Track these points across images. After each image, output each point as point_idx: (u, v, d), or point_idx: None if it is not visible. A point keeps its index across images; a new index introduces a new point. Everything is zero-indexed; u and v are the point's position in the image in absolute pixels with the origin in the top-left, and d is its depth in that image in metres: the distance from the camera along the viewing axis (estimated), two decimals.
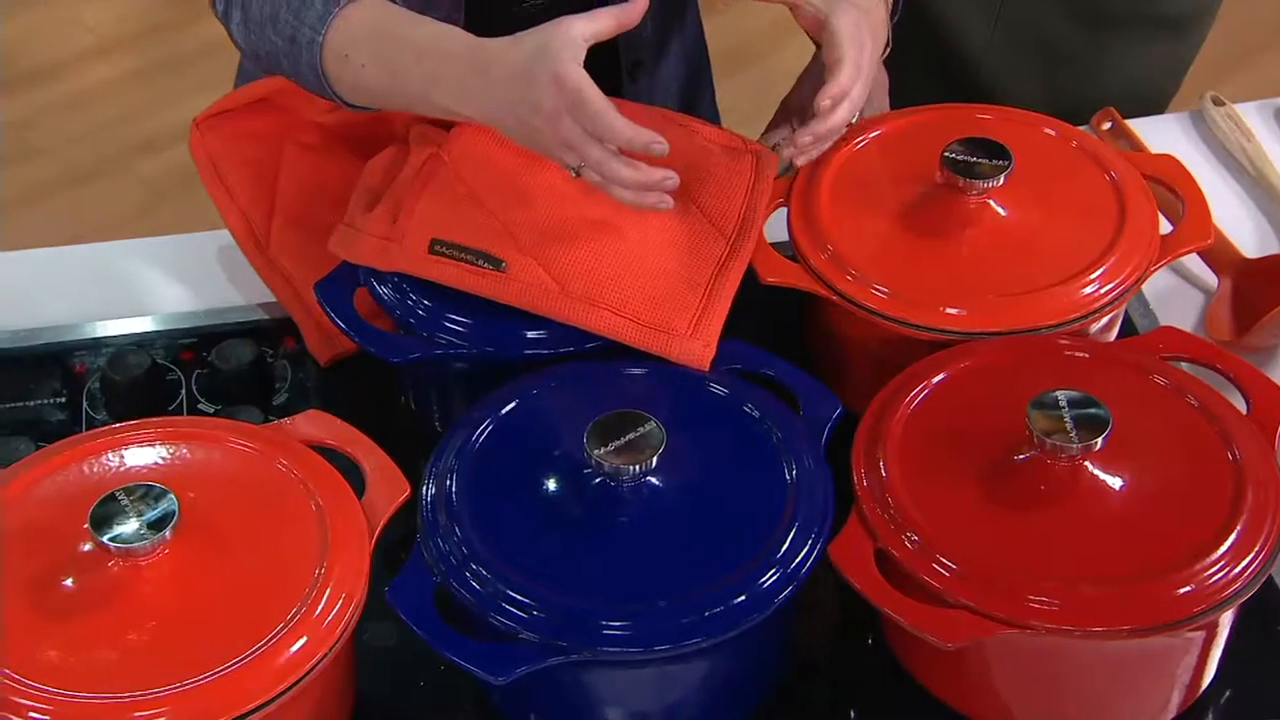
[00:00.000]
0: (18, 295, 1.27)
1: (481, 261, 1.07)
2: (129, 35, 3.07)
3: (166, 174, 2.74)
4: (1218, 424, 0.99)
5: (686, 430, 0.97)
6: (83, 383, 1.18)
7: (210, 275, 1.29)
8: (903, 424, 1.01)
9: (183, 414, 1.16)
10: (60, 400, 1.16)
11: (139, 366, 1.15)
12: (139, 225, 2.64)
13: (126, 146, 2.81)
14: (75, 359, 1.19)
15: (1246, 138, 1.40)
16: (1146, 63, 1.52)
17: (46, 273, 1.31)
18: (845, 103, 1.10)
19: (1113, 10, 1.48)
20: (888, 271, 1.10)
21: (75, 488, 0.94)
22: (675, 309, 1.07)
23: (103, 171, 2.77)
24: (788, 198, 1.17)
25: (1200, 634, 0.95)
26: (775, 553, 0.94)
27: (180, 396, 1.17)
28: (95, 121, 2.88)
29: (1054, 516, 0.96)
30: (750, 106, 1.55)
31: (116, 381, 1.15)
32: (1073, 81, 1.50)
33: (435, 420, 1.17)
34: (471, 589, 0.93)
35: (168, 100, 2.89)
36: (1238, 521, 0.94)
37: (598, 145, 1.02)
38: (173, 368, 1.19)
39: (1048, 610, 0.91)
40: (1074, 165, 1.17)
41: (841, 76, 1.09)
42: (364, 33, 1.11)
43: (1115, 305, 1.10)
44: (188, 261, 1.30)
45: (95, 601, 0.89)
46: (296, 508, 0.94)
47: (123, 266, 1.30)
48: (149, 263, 1.31)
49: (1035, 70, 1.50)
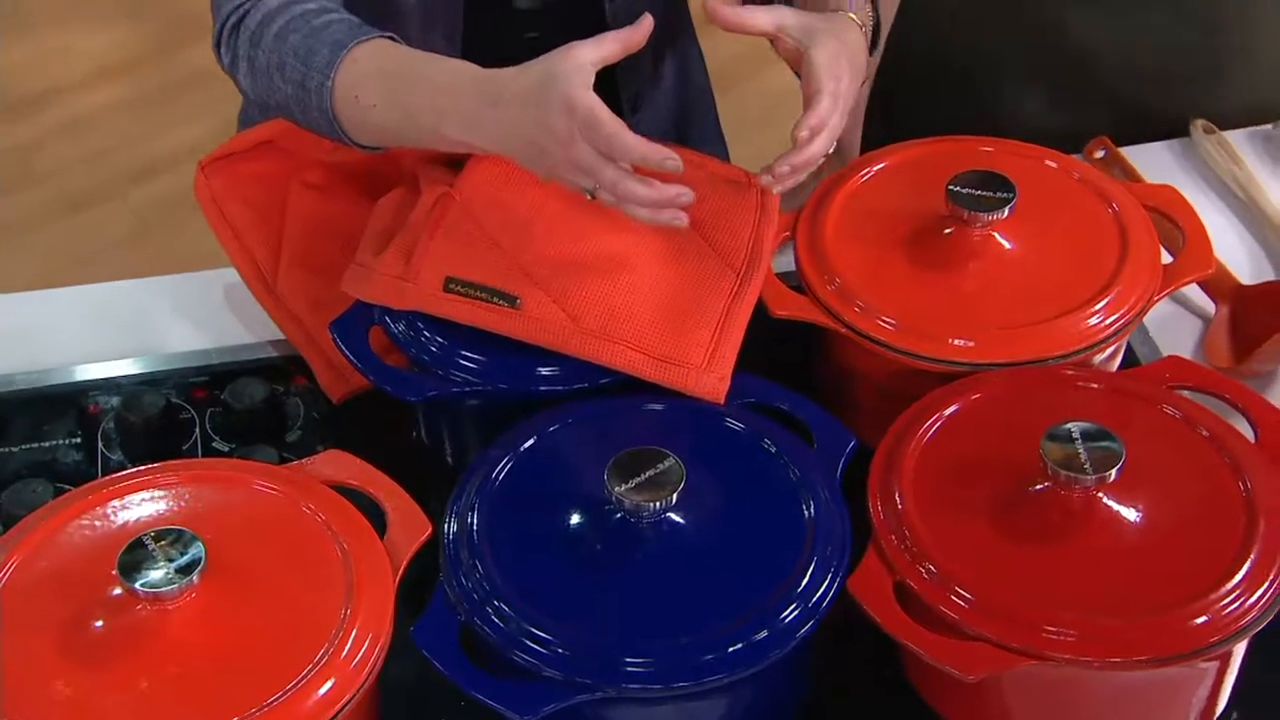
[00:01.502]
0: (26, 336, 1.25)
1: (497, 299, 1.07)
2: (121, 64, 3.06)
3: (156, 203, 2.73)
4: (1228, 454, 0.98)
5: (705, 466, 0.96)
6: (97, 423, 1.16)
7: (218, 313, 1.27)
8: (917, 456, 1.00)
9: (197, 452, 1.15)
10: (75, 441, 1.15)
11: (154, 406, 1.14)
12: (128, 254, 2.63)
13: (120, 174, 2.80)
14: (88, 399, 1.18)
15: (1237, 165, 1.40)
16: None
17: (54, 313, 1.29)
18: (823, 133, 1.10)
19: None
20: (895, 304, 1.09)
21: (101, 532, 0.93)
22: (689, 343, 1.06)
23: (95, 199, 2.75)
24: (793, 231, 1.17)
25: (1215, 663, 0.95)
26: (795, 587, 0.93)
27: (194, 435, 1.16)
28: (89, 149, 2.87)
29: (1069, 547, 0.95)
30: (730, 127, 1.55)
31: (131, 422, 1.13)
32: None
33: (448, 456, 1.16)
34: (495, 626, 0.92)
35: (160, 128, 2.88)
36: (1251, 551, 0.93)
37: (612, 166, 1.02)
38: (186, 407, 1.17)
39: (1065, 641, 0.91)
40: (1076, 197, 1.17)
41: (819, 108, 1.09)
42: (372, 73, 1.11)
43: (1120, 336, 1.10)
44: (195, 300, 1.29)
45: (123, 646, 0.87)
46: (321, 549, 0.93)
47: (130, 306, 1.29)
48: (156, 301, 1.29)
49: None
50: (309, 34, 1.14)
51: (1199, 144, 1.43)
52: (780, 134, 1.30)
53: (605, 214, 1.09)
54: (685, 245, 1.13)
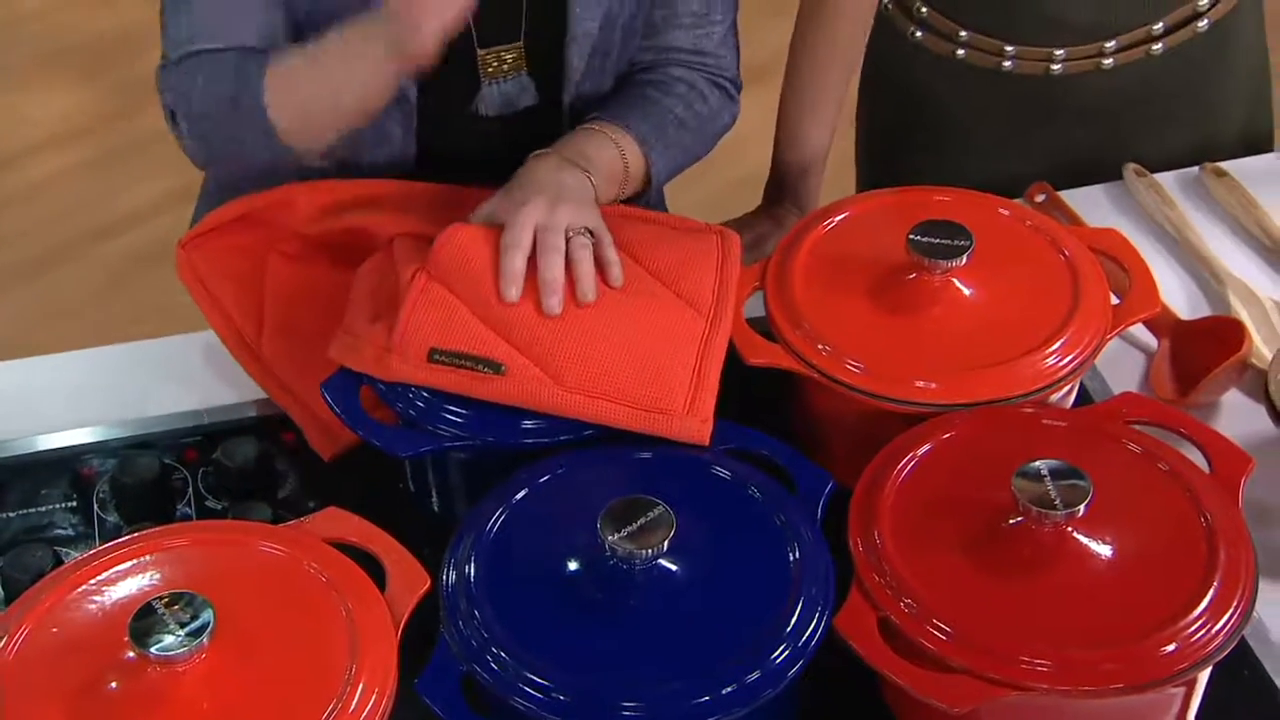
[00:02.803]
0: (17, 402, 1.23)
1: (481, 366, 1.06)
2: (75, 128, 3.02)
3: (123, 259, 2.70)
4: (1187, 487, 0.99)
5: (693, 513, 0.96)
6: (92, 486, 1.14)
7: (204, 375, 1.25)
8: (893, 495, 1.00)
9: (191, 511, 1.13)
10: (72, 504, 1.13)
11: (149, 469, 1.12)
12: (103, 307, 2.59)
13: (83, 233, 2.76)
14: (82, 463, 1.16)
15: (1169, 206, 1.42)
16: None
17: (42, 378, 1.27)
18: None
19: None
20: (862, 349, 1.10)
21: (110, 598, 0.91)
22: (668, 390, 1.06)
23: (62, 258, 2.71)
24: (762, 280, 1.17)
25: (1182, 689, 0.95)
26: (784, 628, 0.93)
27: (188, 494, 1.14)
28: (50, 211, 2.83)
29: (1042, 580, 0.96)
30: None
31: (126, 484, 1.12)
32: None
33: (434, 505, 1.15)
34: (494, 674, 0.91)
35: (119, 187, 2.84)
36: (1213, 580, 0.94)
37: None
38: (179, 467, 1.15)
39: (1043, 672, 0.91)
40: (1029, 242, 1.18)
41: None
42: (292, 51, 1.15)
43: (1076, 374, 1.10)
44: (180, 362, 1.27)
45: (136, 710, 0.86)
46: (325, 607, 0.92)
47: (117, 370, 1.27)
48: (143, 365, 1.27)
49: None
50: (237, 66, 1.16)
51: (1132, 187, 1.45)
52: (714, 186, 1.32)
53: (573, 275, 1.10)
54: (654, 296, 1.13)
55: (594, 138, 1.23)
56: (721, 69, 1.33)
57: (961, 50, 1.43)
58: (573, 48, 1.25)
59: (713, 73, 1.33)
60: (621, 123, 1.25)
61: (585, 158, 1.20)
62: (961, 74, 1.45)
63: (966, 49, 1.43)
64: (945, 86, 1.47)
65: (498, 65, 1.25)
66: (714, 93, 1.33)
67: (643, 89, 1.30)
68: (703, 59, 1.32)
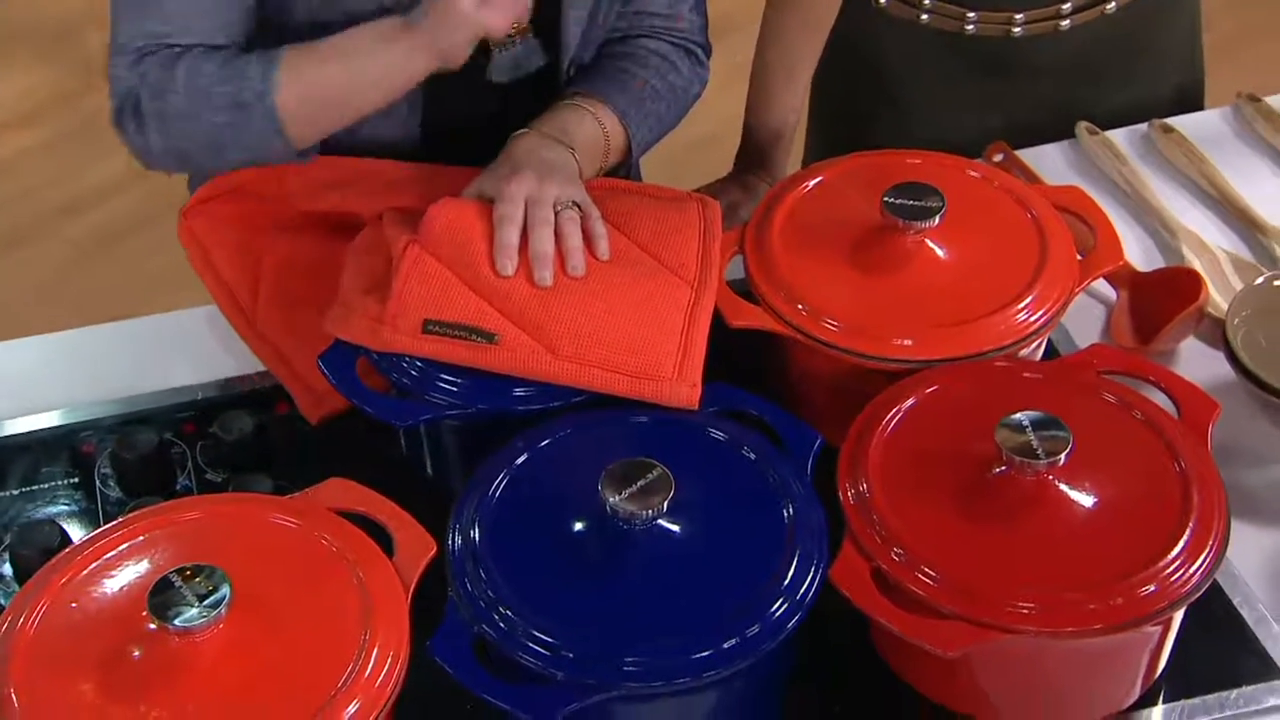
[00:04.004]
0: (14, 382, 1.21)
1: (475, 336, 1.05)
2: (38, 107, 2.96)
3: (91, 234, 2.65)
4: (1160, 433, 1.00)
5: (690, 473, 0.95)
6: (93, 462, 1.12)
7: (194, 351, 1.24)
8: (880, 449, 1.00)
9: (192, 483, 1.12)
10: (74, 481, 1.11)
11: (148, 443, 1.10)
12: (74, 283, 2.55)
13: (49, 210, 2.71)
14: (80, 440, 1.14)
15: (1121, 162, 1.42)
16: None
17: (38, 358, 1.25)
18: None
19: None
20: (841, 308, 1.10)
21: (127, 571, 0.89)
22: (657, 357, 1.06)
23: (30, 236, 2.66)
24: (741, 244, 1.16)
25: (1159, 627, 0.96)
26: (782, 582, 0.93)
27: (188, 467, 1.12)
28: (13, 190, 2.77)
29: (1025, 527, 0.96)
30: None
31: (127, 459, 1.10)
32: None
33: (428, 470, 1.14)
34: (502, 632, 0.91)
35: (82, 165, 2.78)
36: (1189, 522, 0.95)
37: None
38: (177, 441, 1.14)
39: (1028, 615, 0.92)
40: (997, 202, 1.18)
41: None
42: (306, 50, 1.13)
43: (1048, 328, 1.11)
44: (169, 340, 1.26)
45: (157, 680, 0.85)
46: (336, 575, 0.91)
47: (112, 347, 1.25)
48: (132, 344, 1.26)
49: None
50: (222, 63, 1.13)
51: (1085, 145, 1.45)
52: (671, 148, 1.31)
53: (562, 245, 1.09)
54: (640, 266, 1.12)
55: (574, 113, 1.22)
56: (692, 34, 1.32)
57: (925, 15, 1.43)
58: (570, 12, 1.24)
59: (683, 38, 1.32)
60: (600, 96, 1.24)
61: (567, 133, 1.19)
62: (923, 39, 1.45)
63: (930, 14, 1.43)
64: (906, 51, 1.47)
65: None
66: (685, 61, 1.32)
67: (617, 62, 1.29)
68: (674, 25, 1.31)
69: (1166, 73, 1.54)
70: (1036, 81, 1.48)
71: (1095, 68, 1.48)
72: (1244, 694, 1.01)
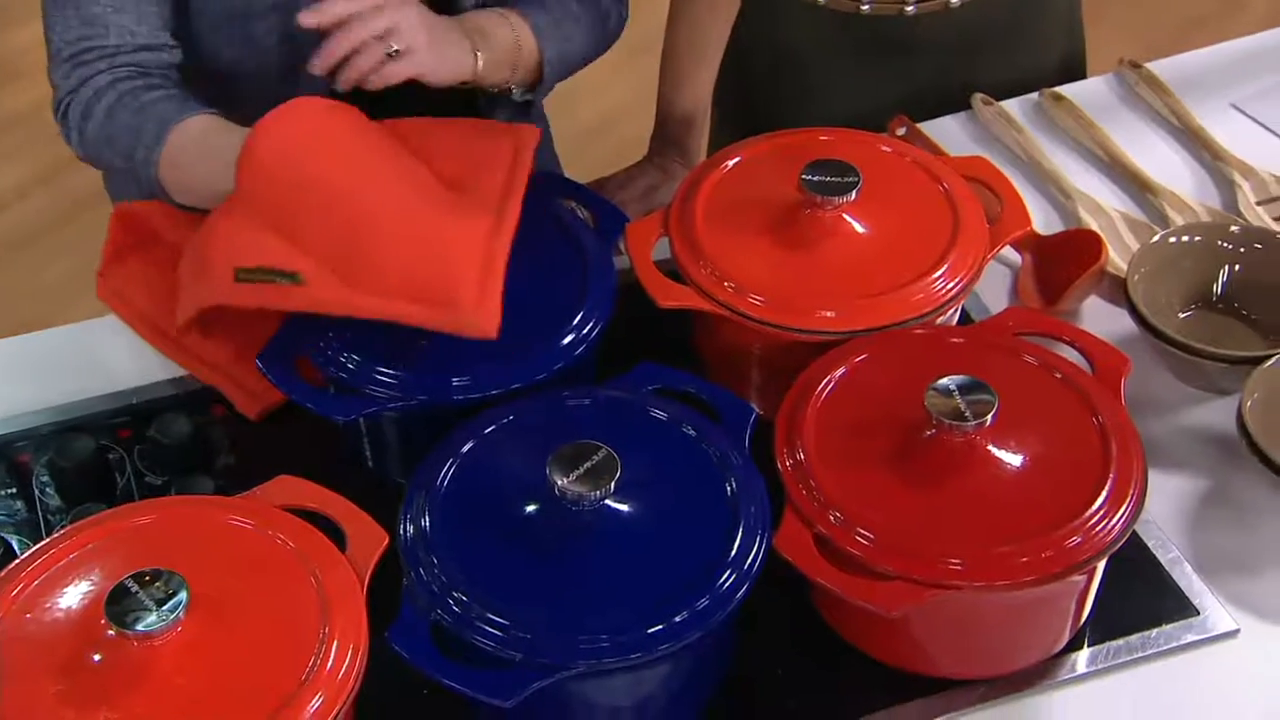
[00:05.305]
0: None
1: (280, 279, 1.03)
2: None
3: None
4: (1078, 390, 1.02)
5: (633, 453, 0.95)
6: (29, 472, 1.09)
7: (122, 357, 1.21)
8: (814, 418, 1.01)
9: (132, 488, 1.09)
10: (11, 491, 1.08)
11: (84, 450, 1.07)
12: None
13: None
14: (15, 451, 1.11)
15: (1018, 131, 1.44)
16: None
17: None
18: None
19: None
20: (766, 285, 1.10)
21: (82, 578, 0.87)
22: (457, 283, 1.03)
23: None
24: (665, 224, 1.16)
25: (1084, 577, 0.98)
26: (728, 555, 0.93)
27: (128, 472, 1.10)
28: None
29: (956, 486, 0.97)
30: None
31: (64, 467, 1.07)
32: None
33: (369, 462, 1.12)
34: (456, 616, 0.90)
35: None
36: (1109, 474, 0.97)
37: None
38: (114, 447, 1.11)
39: (962, 571, 0.93)
40: (908, 175, 1.19)
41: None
42: (193, 141, 1.15)
43: (963, 294, 1.12)
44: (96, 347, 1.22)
45: (117, 686, 0.83)
46: (292, 572, 0.89)
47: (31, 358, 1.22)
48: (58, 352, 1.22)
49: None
50: (136, 110, 1.16)
51: (981, 116, 1.47)
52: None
53: (361, 175, 1.07)
54: (445, 194, 1.10)
55: (492, 17, 1.23)
56: None
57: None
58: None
59: None
60: (519, 10, 1.25)
61: (480, 32, 1.20)
62: (821, 19, 1.45)
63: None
64: (805, 32, 1.47)
65: None
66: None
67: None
68: None
69: (1051, 43, 1.57)
70: (930, 57, 1.50)
71: (984, 41, 1.50)
72: (1164, 632, 1.03)
